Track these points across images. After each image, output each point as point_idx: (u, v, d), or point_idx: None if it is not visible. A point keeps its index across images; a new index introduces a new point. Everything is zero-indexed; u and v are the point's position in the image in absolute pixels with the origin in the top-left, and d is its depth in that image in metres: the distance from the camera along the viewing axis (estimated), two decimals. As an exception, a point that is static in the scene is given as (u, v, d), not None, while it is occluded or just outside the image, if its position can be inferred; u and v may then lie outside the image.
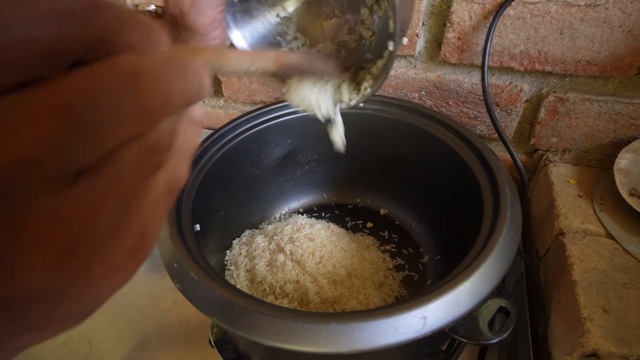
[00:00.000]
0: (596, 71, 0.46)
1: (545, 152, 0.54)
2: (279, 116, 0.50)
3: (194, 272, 0.30)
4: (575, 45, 0.45)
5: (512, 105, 0.52)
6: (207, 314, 0.28)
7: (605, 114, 0.48)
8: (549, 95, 0.49)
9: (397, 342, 0.26)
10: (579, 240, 0.41)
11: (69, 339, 0.52)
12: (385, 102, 0.49)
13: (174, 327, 0.52)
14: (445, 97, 0.54)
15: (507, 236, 0.31)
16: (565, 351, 0.35)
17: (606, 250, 0.39)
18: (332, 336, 0.26)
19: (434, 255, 0.50)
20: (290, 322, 0.26)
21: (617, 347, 0.32)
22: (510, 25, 0.46)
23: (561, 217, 0.44)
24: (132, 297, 0.57)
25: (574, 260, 0.39)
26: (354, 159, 0.54)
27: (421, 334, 0.26)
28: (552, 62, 0.47)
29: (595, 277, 0.37)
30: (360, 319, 0.26)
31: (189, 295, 0.30)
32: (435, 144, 0.45)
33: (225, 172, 0.46)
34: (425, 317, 0.27)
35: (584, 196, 0.46)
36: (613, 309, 0.34)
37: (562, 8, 0.43)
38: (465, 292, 0.28)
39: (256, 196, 0.53)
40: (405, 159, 0.50)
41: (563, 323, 0.37)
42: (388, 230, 0.53)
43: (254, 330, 0.27)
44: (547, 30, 0.45)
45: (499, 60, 0.49)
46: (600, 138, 0.50)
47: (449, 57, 0.51)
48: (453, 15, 0.47)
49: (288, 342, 0.26)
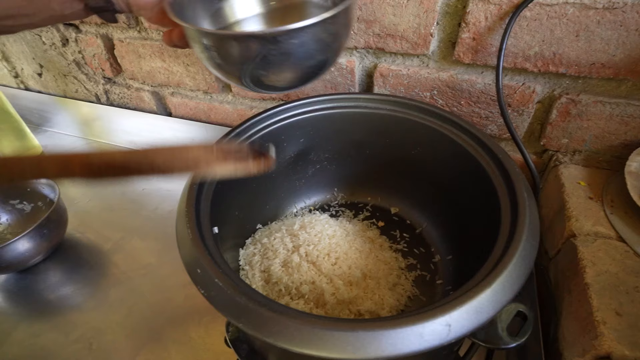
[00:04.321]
0: (610, 74, 0.46)
1: (555, 153, 0.54)
2: (292, 115, 0.49)
3: (218, 278, 0.30)
4: (590, 47, 0.45)
5: (524, 106, 0.52)
6: (234, 320, 0.28)
7: (617, 116, 0.48)
8: (561, 97, 0.49)
9: (423, 349, 0.26)
10: (590, 243, 0.42)
11: (81, 335, 0.52)
12: (400, 102, 0.49)
13: (187, 323, 0.53)
14: (457, 96, 0.54)
15: (526, 243, 0.32)
16: (577, 353, 0.36)
17: (618, 253, 0.40)
18: (360, 343, 0.26)
19: (445, 255, 0.50)
20: (318, 329, 0.27)
21: (630, 350, 0.33)
22: (526, 26, 0.46)
23: (572, 219, 0.44)
24: (143, 294, 0.57)
25: (586, 263, 0.40)
26: (366, 158, 0.54)
27: (446, 341, 0.27)
28: (567, 64, 0.47)
29: (607, 280, 0.38)
30: (387, 326, 0.27)
31: (214, 301, 0.30)
32: (450, 146, 0.45)
33: (239, 172, 0.46)
34: (450, 325, 0.27)
35: (594, 198, 0.47)
36: (625, 312, 0.35)
37: (579, 10, 0.43)
38: (487, 300, 0.28)
39: (269, 195, 0.53)
40: (418, 159, 0.50)
41: (575, 325, 0.38)
42: (399, 230, 0.54)
43: (281, 337, 0.27)
44: (562, 32, 0.45)
45: (513, 61, 0.49)
46: (610, 140, 0.50)
47: (463, 57, 0.51)
48: (469, 15, 0.47)
49: (316, 349, 0.26)
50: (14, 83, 0.96)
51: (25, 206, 0.67)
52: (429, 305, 0.29)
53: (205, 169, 0.30)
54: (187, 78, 0.72)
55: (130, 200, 0.74)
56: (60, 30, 0.78)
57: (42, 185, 0.65)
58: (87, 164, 0.25)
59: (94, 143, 0.92)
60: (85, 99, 0.89)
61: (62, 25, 0.77)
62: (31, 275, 0.61)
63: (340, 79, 0.60)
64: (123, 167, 0.26)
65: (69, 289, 0.59)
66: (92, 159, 0.26)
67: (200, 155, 0.30)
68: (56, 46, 0.81)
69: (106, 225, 0.69)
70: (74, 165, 0.25)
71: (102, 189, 0.78)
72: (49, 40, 0.81)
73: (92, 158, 0.26)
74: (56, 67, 0.85)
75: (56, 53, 0.82)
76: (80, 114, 0.90)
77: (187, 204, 0.37)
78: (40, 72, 0.89)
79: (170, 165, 0.28)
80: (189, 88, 0.74)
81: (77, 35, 0.76)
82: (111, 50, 0.76)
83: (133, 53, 0.73)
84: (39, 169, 0.24)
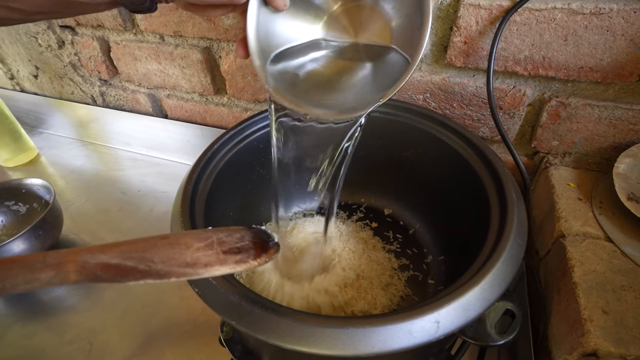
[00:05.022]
0: (598, 77, 0.47)
1: (546, 155, 0.55)
2: (286, 117, 0.50)
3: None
4: (578, 51, 0.46)
5: (515, 109, 0.53)
6: (227, 318, 0.29)
7: (605, 119, 0.49)
8: (551, 100, 0.50)
9: (412, 345, 0.27)
10: (579, 243, 0.42)
11: (76, 335, 0.53)
12: (394, 105, 0.49)
13: (181, 324, 0.53)
14: (450, 99, 0.55)
15: (514, 242, 0.32)
16: (566, 350, 0.37)
17: (605, 253, 0.41)
18: (350, 340, 0.27)
19: (437, 255, 0.51)
20: (309, 326, 0.27)
21: (615, 347, 0.33)
22: (516, 31, 0.47)
23: (562, 219, 0.45)
24: (138, 295, 0.57)
25: (575, 262, 0.40)
26: (360, 160, 0.54)
27: (435, 338, 0.27)
28: (556, 67, 0.48)
29: (594, 279, 0.39)
30: (377, 323, 0.27)
31: (208, 299, 0.30)
32: (442, 148, 0.46)
33: (234, 173, 0.47)
34: (439, 322, 0.28)
35: (583, 199, 0.47)
36: (612, 310, 0.36)
37: (567, 15, 0.44)
38: (475, 297, 0.29)
39: (263, 196, 0.54)
40: (411, 161, 0.51)
41: (563, 323, 0.39)
42: (392, 231, 0.54)
43: (273, 335, 0.28)
44: (551, 37, 0.46)
45: (504, 64, 0.50)
46: (599, 142, 0.51)
47: (455, 61, 0.52)
48: (460, 19, 0.48)
49: (307, 346, 0.27)
50: (10, 85, 0.96)
51: (21, 207, 0.67)
52: (419, 303, 0.29)
53: (204, 272, 0.27)
54: (182, 80, 0.73)
55: (125, 202, 0.74)
56: (56, 32, 0.78)
57: (38, 187, 0.65)
58: (82, 266, 0.24)
59: (89, 145, 0.92)
60: (81, 100, 0.89)
61: (58, 27, 0.77)
62: (26, 276, 0.61)
63: (335, 81, 0.60)
64: (118, 268, 0.25)
65: (64, 290, 0.59)
66: (87, 258, 0.24)
67: (200, 257, 0.28)
68: (52, 48, 0.81)
69: (101, 226, 0.69)
70: (69, 267, 0.24)
71: (98, 190, 0.78)
72: (44, 42, 0.81)
73: (87, 257, 0.25)
74: (52, 69, 0.86)
75: (52, 55, 0.83)
76: (76, 115, 0.90)
77: (181, 205, 0.37)
78: (36, 74, 0.89)
79: (168, 271, 0.26)
80: (184, 90, 0.75)
81: (73, 37, 0.77)
82: (107, 53, 0.76)
83: (129, 55, 0.74)
84: (32, 276, 0.23)
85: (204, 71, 0.69)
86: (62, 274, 0.23)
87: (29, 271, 0.23)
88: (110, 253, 0.26)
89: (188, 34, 0.65)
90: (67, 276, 0.24)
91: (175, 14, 0.64)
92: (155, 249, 0.27)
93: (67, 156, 0.89)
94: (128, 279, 0.25)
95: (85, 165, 0.86)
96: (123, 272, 0.25)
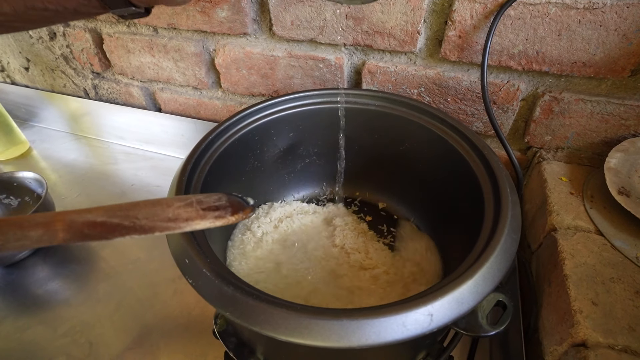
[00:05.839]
0: (591, 72, 0.47)
1: (539, 150, 0.56)
2: (281, 110, 0.50)
3: (206, 268, 0.31)
4: (572, 46, 0.46)
5: (508, 104, 0.53)
6: (221, 310, 0.29)
7: (597, 114, 0.50)
8: (544, 95, 0.51)
9: (406, 338, 0.27)
10: (570, 236, 0.43)
11: (70, 329, 0.52)
12: (389, 98, 0.49)
13: (175, 317, 0.53)
14: (444, 94, 0.55)
15: (508, 237, 0.33)
16: (556, 341, 0.38)
17: (595, 246, 0.41)
18: (344, 332, 0.27)
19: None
20: (304, 318, 0.27)
21: (604, 337, 0.34)
22: (510, 25, 0.47)
23: (554, 213, 0.46)
24: (132, 288, 0.57)
25: (565, 255, 0.41)
26: (355, 153, 0.55)
27: (428, 330, 0.27)
28: (549, 62, 0.48)
29: (585, 271, 0.39)
30: (371, 315, 0.27)
31: (202, 291, 0.30)
32: (436, 142, 0.46)
33: (228, 165, 0.46)
34: (432, 314, 0.28)
35: (575, 193, 0.48)
36: (601, 302, 0.36)
37: (561, 10, 0.44)
38: (468, 291, 0.29)
39: (257, 188, 0.54)
40: (406, 155, 0.51)
41: (554, 315, 0.39)
42: (386, 224, 0.55)
43: (267, 326, 0.28)
44: (545, 32, 0.46)
45: (498, 59, 0.50)
46: (591, 137, 0.52)
47: (449, 55, 0.52)
48: (455, 13, 0.48)
49: (301, 338, 0.27)
50: (0, 77, 0.95)
51: (12, 201, 0.66)
52: (412, 296, 0.29)
53: (185, 226, 0.31)
54: (176, 74, 0.72)
55: (118, 196, 0.74)
56: (47, 23, 0.77)
57: (30, 180, 0.64)
58: (69, 225, 0.25)
59: (82, 139, 0.91)
60: (74, 94, 0.88)
61: (50, 18, 0.76)
62: (18, 270, 0.60)
63: (329, 75, 0.60)
64: (104, 225, 0.27)
65: (57, 284, 0.59)
66: (74, 217, 0.26)
67: (180, 213, 0.31)
68: (43, 40, 0.80)
69: (95, 220, 0.69)
70: (57, 226, 0.25)
71: (91, 184, 0.77)
72: (35, 34, 0.80)
73: (74, 217, 0.26)
74: (43, 61, 0.85)
75: (43, 47, 0.82)
76: (69, 109, 0.89)
77: (176, 195, 0.37)
78: (27, 66, 0.88)
79: (152, 225, 0.29)
80: (178, 84, 0.74)
81: (65, 29, 0.76)
82: (100, 45, 0.75)
83: (122, 48, 0.73)
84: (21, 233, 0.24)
85: (198, 64, 0.68)
86: (50, 232, 0.24)
87: (18, 228, 0.24)
88: (96, 212, 0.27)
89: (182, 26, 0.65)
90: (56, 234, 0.25)
91: (168, 6, 0.63)
92: (139, 207, 0.29)
93: (59, 150, 0.88)
94: (114, 235, 0.26)
95: (78, 159, 0.85)
96: (109, 229, 0.26)
